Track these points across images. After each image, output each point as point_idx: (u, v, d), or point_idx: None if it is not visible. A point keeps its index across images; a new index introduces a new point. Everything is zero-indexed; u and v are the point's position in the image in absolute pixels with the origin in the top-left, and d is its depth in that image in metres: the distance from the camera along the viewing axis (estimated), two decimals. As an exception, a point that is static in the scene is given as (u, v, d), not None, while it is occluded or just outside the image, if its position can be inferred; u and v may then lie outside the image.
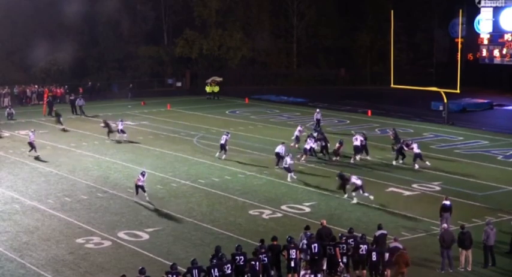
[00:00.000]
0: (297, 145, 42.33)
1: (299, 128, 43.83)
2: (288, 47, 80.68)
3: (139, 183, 31.65)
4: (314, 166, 38.16)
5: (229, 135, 41.01)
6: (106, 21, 73.92)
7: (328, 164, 38.57)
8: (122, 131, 45.53)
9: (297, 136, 43.08)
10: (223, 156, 39.92)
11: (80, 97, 58.41)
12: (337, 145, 39.71)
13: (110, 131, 45.78)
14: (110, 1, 71.07)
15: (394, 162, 38.61)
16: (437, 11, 75.02)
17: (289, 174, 34.93)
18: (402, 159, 38.59)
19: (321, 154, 40.05)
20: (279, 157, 37.47)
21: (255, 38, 78.55)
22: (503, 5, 65.55)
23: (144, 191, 31.64)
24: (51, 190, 33.59)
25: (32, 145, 41.32)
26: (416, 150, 37.70)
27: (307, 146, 39.16)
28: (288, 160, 34.99)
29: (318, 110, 49.67)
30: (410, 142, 38.95)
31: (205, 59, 77.23)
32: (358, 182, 31.54)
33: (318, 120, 48.33)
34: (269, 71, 79.19)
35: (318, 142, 40.44)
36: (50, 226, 28.32)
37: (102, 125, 46.60)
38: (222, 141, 40.11)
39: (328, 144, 40.30)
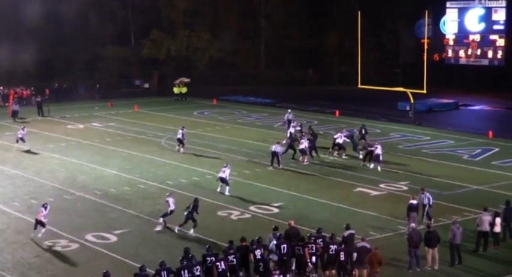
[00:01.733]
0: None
1: (293, 124, 44.64)
2: (255, 47, 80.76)
3: (41, 218, 26.79)
4: (283, 166, 38.14)
5: (184, 130, 42.28)
6: (72, 22, 73.28)
7: (298, 164, 38.64)
8: (22, 140, 42.92)
9: (291, 133, 43.35)
10: (182, 150, 41.30)
11: (15, 102, 56.79)
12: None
13: None
14: (75, 1, 70.50)
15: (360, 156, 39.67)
16: (404, 12, 75.60)
17: (226, 187, 32.92)
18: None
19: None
20: (274, 156, 37.55)
21: (222, 38, 78.46)
22: (468, 6, 66.29)
23: (44, 226, 26.82)
24: (17, 193, 33.21)
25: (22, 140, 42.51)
26: (378, 151, 37.71)
27: (302, 146, 38.99)
28: (227, 172, 33.17)
29: (289, 111, 49.76)
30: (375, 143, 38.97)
31: (173, 60, 76.99)
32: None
33: (290, 121, 48.33)
34: (237, 71, 79.19)
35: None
36: (16, 229, 28.00)
37: None
38: (179, 136, 41.67)
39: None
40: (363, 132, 43.34)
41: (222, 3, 79.18)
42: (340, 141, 39.95)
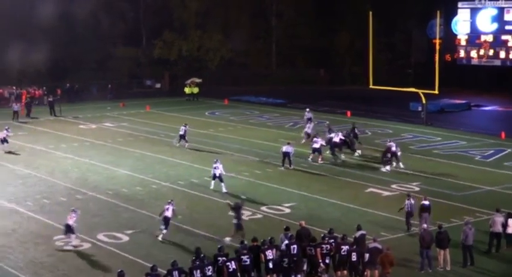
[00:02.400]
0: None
1: (309, 124, 44.97)
2: (267, 47, 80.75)
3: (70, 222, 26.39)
4: (295, 166, 38.15)
5: (187, 127, 43.85)
6: (84, 22, 73.51)
7: (309, 164, 38.62)
8: (5, 140, 42.78)
9: (306, 132, 43.65)
10: (186, 145, 42.72)
11: (16, 102, 57.39)
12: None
13: None
14: (88, 1, 70.72)
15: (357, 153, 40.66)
16: (415, 12, 75.39)
17: (222, 184, 33.34)
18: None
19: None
20: (286, 156, 37.64)
21: (234, 39, 78.49)
22: (480, 6, 66.04)
23: (73, 232, 26.32)
24: (29, 193, 33.36)
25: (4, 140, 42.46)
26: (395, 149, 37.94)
27: (317, 146, 39.04)
28: (220, 167, 33.56)
29: (307, 110, 49.94)
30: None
31: (185, 60, 77.09)
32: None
33: (309, 119, 48.43)
34: (248, 71, 79.20)
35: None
36: (28, 229, 28.14)
37: None
38: (181, 132, 43.10)
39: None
40: (356, 131, 43.03)
41: (233, 4, 79.20)
42: (317, 146, 39.28)
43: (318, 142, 39.10)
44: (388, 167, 37.38)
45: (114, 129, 50.75)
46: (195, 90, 66.93)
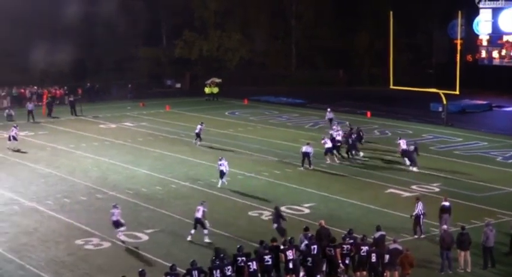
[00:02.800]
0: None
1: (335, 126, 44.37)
2: (286, 48, 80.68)
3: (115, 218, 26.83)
4: (314, 167, 38.13)
5: (203, 125, 44.81)
6: (105, 22, 73.88)
7: (328, 165, 38.57)
8: (14, 138, 43.48)
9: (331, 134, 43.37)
10: (198, 143, 43.81)
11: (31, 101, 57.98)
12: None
13: None
14: (108, 2, 71.06)
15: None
16: (437, 12, 75.01)
17: (221, 180, 34.22)
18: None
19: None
20: (305, 156, 37.69)
21: (253, 39, 78.56)
22: (502, 6, 65.58)
23: (122, 225, 26.85)
24: (50, 192, 33.58)
25: (14, 138, 43.17)
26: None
27: (328, 145, 39.02)
28: (226, 164, 34.25)
29: (329, 109, 49.93)
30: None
31: (205, 60, 77.22)
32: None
33: (331, 119, 48.39)
34: (267, 72, 79.19)
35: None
36: (49, 228, 28.32)
37: None
38: (197, 130, 44.09)
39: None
40: (361, 134, 42.67)
41: (252, 4, 79.25)
42: (329, 145, 39.08)
43: (328, 142, 39.23)
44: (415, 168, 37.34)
45: (134, 128, 50.96)
46: (215, 90, 67.05)
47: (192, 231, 26.58)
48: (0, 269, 23.93)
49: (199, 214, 26.46)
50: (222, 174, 34.10)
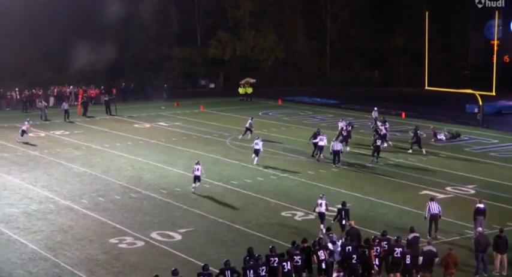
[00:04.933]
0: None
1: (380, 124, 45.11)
2: (320, 48, 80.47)
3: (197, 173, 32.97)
4: (347, 167, 38.02)
5: (253, 120, 46.94)
6: (139, 23, 74.40)
7: (364, 166, 38.38)
8: (24, 132, 45.09)
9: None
10: (241, 137, 45.65)
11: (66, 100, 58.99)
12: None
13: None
14: (143, 2, 71.54)
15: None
16: (473, 13, 74.20)
17: (256, 158, 38.59)
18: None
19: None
20: (336, 154, 37.99)
21: (288, 39, 78.48)
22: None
23: (199, 181, 33.23)
24: (85, 190, 33.88)
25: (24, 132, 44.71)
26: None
27: (322, 143, 39.68)
28: (260, 144, 38.91)
29: (375, 109, 50.17)
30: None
31: (239, 60, 77.34)
32: None
33: (376, 118, 48.62)
34: (302, 72, 79.04)
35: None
36: (84, 226, 28.56)
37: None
38: (247, 125, 45.89)
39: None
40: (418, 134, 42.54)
41: (287, 4, 79.19)
42: (322, 143, 39.59)
43: (323, 140, 39.63)
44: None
45: (168, 128, 51.20)
46: (249, 90, 67.12)
47: (321, 226, 26.90)
48: (36, 267, 24.20)
49: (322, 209, 27.15)
50: (256, 152, 38.23)
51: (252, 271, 20.49)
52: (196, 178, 33.35)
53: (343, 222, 26.26)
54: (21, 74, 68.90)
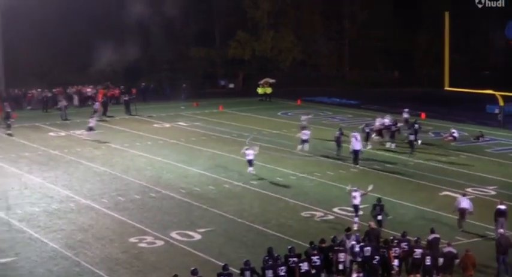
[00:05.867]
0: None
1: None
2: (339, 48, 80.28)
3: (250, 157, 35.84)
4: (366, 168, 37.93)
5: (310, 116, 49.67)
6: (159, 23, 74.56)
7: (382, 166, 38.28)
8: (91, 129, 46.90)
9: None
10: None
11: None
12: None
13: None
14: (162, 3, 71.70)
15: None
16: (494, 13, 73.71)
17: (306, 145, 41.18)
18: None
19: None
20: (356, 154, 38.45)
21: (306, 40, 78.38)
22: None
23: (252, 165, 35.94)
24: (105, 190, 34.04)
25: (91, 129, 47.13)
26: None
27: (305, 137, 42.06)
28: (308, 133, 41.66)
29: (406, 110, 50.36)
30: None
31: (258, 60, 77.36)
32: None
33: (407, 120, 48.76)
34: (321, 73, 78.90)
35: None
36: (104, 225, 28.70)
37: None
38: (304, 122, 46.78)
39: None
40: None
41: (306, 4, 79.09)
42: (305, 138, 42.18)
43: (307, 134, 42.06)
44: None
45: (188, 128, 51.32)
46: (268, 90, 67.09)
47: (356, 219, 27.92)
48: (56, 265, 24.35)
49: (356, 201, 28.11)
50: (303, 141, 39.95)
51: (271, 271, 20.48)
52: (249, 162, 36.30)
53: (379, 217, 26.46)
54: (41, 74, 69.29)
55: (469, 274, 21.75)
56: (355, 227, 26.91)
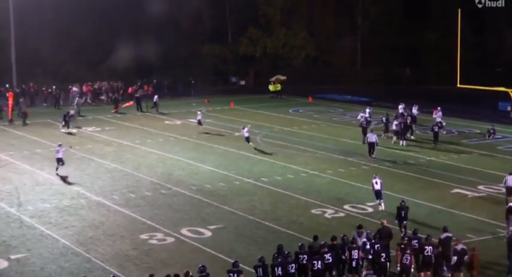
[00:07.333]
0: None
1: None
2: (351, 46, 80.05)
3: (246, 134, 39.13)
4: (377, 165, 37.86)
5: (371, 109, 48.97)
6: (171, 20, 74.64)
7: (393, 164, 38.20)
8: (199, 122, 48.07)
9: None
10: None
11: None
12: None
13: None
14: (176, 0, 71.73)
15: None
16: (506, 9, 73.30)
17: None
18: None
19: None
20: (371, 146, 39.39)
21: (318, 37, 78.24)
22: None
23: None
24: (116, 186, 34.12)
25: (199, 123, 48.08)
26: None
27: (247, 135, 42.36)
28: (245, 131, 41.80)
29: (416, 106, 50.40)
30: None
31: (269, 57, 77.30)
32: None
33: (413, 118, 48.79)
34: (333, 70, 78.76)
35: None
36: (115, 222, 28.78)
37: None
38: (364, 117, 45.26)
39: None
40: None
41: (318, 1, 78.93)
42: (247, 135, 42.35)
43: (246, 131, 42.50)
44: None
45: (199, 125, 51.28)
46: (278, 87, 67.04)
47: (380, 201, 29.74)
48: (67, 261, 24.44)
49: (378, 186, 29.79)
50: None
51: (280, 268, 20.45)
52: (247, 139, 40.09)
53: (404, 223, 26.34)
54: (54, 70, 69.51)
55: (476, 273, 21.63)
56: (381, 208, 29.44)
